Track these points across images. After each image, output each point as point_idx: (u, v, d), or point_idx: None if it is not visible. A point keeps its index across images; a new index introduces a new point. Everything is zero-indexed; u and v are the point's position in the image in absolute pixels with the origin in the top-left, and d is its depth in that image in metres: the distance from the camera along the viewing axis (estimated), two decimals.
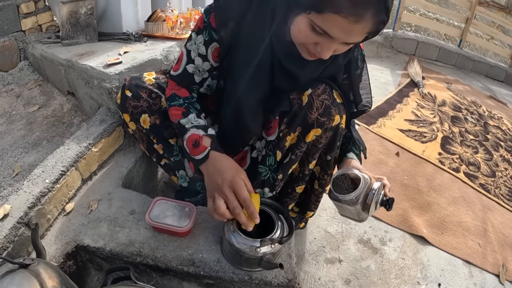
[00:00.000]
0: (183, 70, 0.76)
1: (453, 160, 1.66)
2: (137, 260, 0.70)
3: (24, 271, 0.57)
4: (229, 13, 0.67)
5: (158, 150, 0.85)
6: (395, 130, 1.76)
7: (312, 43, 0.59)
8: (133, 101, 0.79)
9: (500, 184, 1.63)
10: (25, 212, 0.72)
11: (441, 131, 1.87)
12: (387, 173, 1.42)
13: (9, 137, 1.14)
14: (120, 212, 0.80)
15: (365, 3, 0.50)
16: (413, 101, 2.10)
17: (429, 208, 1.32)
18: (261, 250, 0.61)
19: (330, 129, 0.72)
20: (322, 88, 0.69)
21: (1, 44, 1.32)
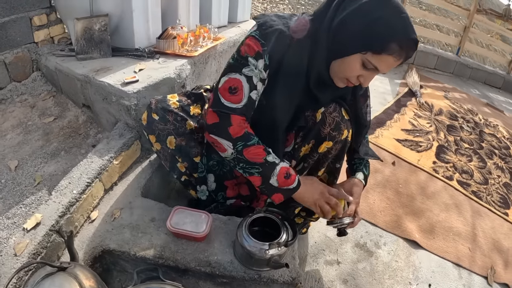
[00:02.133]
0: (248, 99, 0.76)
1: (447, 168, 1.81)
2: (159, 262, 0.83)
3: (63, 273, 0.69)
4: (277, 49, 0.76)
5: (180, 168, 0.97)
6: (392, 140, 1.91)
7: (357, 75, 0.76)
8: (160, 124, 0.91)
9: (492, 191, 1.78)
10: (56, 220, 0.85)
11: (436, 140, 2.02)
12: (383, 181, 1.57)
13: (28, 147, 1.26)
14: (141, 219, 0.93)
15: (411, 49, 0.73)
16: (411, 111, 2.25)
17: (422, 214, 1.46)
18: (269, 252, 0.74)
19: (340, 142, 0.86)
20: (333, 107, 0.84)
21: (15, 56, 1.44)
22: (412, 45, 0.72)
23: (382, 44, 0.71)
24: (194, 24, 1.69)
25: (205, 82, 1.54)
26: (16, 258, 0.78)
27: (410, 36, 0.71)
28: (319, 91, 0.82)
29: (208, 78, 1.55)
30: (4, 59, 1.39)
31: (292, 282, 0.79)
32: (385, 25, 0.70)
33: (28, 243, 0.80)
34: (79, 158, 1.22)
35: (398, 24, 0.71)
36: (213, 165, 0.96)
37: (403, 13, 0.72)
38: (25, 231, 0.83)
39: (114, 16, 1.39)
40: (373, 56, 0.72)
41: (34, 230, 0.84)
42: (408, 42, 0.71)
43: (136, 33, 1.41)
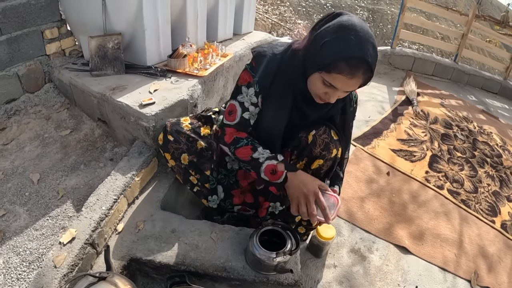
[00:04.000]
0: (240, 118, 1.03)
1: (439, 178, 2.03)
2: (181, 268, 1.03)
3: (104, 282, 0.85)
4: (268, 72, 0.99)
5: (192, 180, 1.18)
6: (388, 150, 2.12)
7: (323, 92, 0.92)
8: (175, 144, 1.11)
9: (481, 199, 2.01)
10: (90, 234, 1.03)
11: (430, 149, 2.25)
12: (378, 191, 1.78)
13: (47, 160, 1.43)
14: (163, 230, 1.13)
15: (357, 68, 0.84)
16: (407, 120, 2.47)
17: (412, 222, 1.68)
18: (276, 259, 0.95)
19: (330, 159, 1.06)
20: (323, 130, 1.04)
21: (27, 68, 1.60)
22: (359, 63, 0.83)
23: (329, 64, 0.84)
24: (202, 39, 1.87)
25: (213, 97, 1.72)
26: (56, 269, 0.94)
27: (355, 55, 0.82)
28: (306, 107, 1.01)
29: (216, 93, 1.74)
30: (17, 71, 1.55)
31: (295, 284, 1.00)
32: (332, 47, 0.84)
33: (66, 256, 0.97)
34: (98, 172, 1.40)
35: (344, 45, 0.83)
36: (221, 178, 1.17)
37: (354, 35, 0.83)
38: (62, 245, 1.00)
39: (126, 34, 1.56)
40: (326, 75, 0.86)
41: (70, 244, 1.00)
42: (354, 60, 0.83)
43: (148, 51, 1.59)
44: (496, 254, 1.68)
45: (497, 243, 1.75)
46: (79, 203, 1.24)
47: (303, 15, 4.51)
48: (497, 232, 1.82)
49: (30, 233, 1.16)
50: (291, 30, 4.29)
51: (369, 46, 0.84)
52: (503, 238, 1.80)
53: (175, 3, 1.62)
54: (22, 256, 1.07)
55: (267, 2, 4.52)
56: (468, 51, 3.33)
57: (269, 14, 4.32)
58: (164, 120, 1.28)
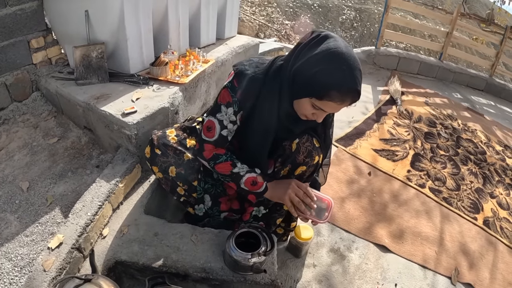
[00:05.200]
0: (219, 135, 1.09)
1: (420, 176, 2.11)
2: (163, 270, 1.10)
3: (90, 284, 0.91)
4: (249, 94, 1.03)
5: (180, 191, 1.24)
6: (370, 150, 2.20)
7: (311, 113, 0.98)
8: (163, 158, 1.17)
9: (463, 196, 2.08)
10: (76, 239, 1.09)
11: (413, 148, 2.32)
12: (358, 191, 1.85)
13: (36, 168, 1.49)
14: (147, 234, 1.19)
15: (348, 95, 0.91)
16: (390, 119, 2.55)
17: (393, 221, 1.74)
18: (251, 260, 1.02)
19: (312, 166, 1.13)
20: (306, 138, 1.11)
21: (15, 77, 1.65)
22: (350, 91, 0.89)
23: (322, 92, 0.90)
24: (185, 45, 1.93)
25: (195, 103, 1.79)
26: (45, 273, 1.01)
27: (347, 86, 0.88)
28: (291, 124, 1.08)
29: (199, 99, 1.80)
30: (5, 81, 1.60)
31: (272, 284, 1.07)
32: (325, 77, 0.89)
33: (54, 260, 1.03)
34: (85, 178, 1.46)
35: (337, 75, 0.88)
36: (208, 187, 1.24)
37: (346, 65, 0.87)
38: (50, 250, 1.07)
39: (110, 43, 1.62)
40: (317, 101, 0.93)
41: (58, 248, 1.07)
42: (347, 90, 0.89)
43: (131, 59, 1.65)
44: (478, 250, 1.73)
45: (479, 240, 1.80)
46: (67, 210, 1.30)
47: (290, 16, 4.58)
48: (479, 229, 1.87)
49: (21, 239, 1.22)
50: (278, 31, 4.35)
51: (357, 74, 0.89)
52: (485, 234, 1.86)
53: (157, 11, 1.68)
54: (14, 262, 1.12)
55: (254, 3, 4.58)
56: (453, 49, 3.41)
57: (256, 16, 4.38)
58: (146, 128, 1.35)
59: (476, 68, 4.58)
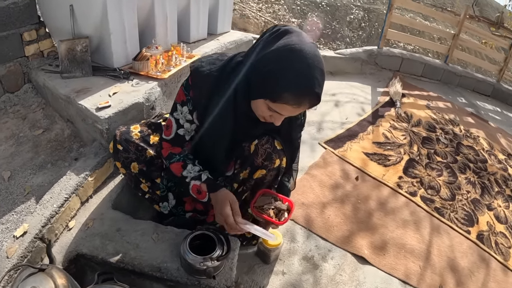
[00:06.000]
0: (175, 134, 1.06)
1: (412, 184, 2.00)
2: (120, 266, 1.08)
3: (43, 273, 0.92)
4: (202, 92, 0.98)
5: (143, 188, 1.22)
6: (360, 153, 2.10)
7: (268, 115, 0.91)
8: (124, 153, 1.15)
9: (457, 207, 1.93)
10: (40, 230, 1.10)
11: (408, 153, 2.22)
12: (342, 197, 1.76)
13: (19, 159, 1.51)
14: (110, 229, 1.18)
15: (304, 98, 0.83)
16: (387, 122, 2.44)
17: (375, 230, 1.61)
18: (204, 264, 0.99)
19: (273, 170, 1.07)
20: (266, 139, 1.04)
21: (7, 69, 1.68)
22: (306, 94, 0.81)
23: (275, 94, 0.82)
24: (173, 40, 1.91)
25: None
26: (8, 260, 1.03)
27: (303, 88, 0.80)
28: (249, 125, 1.01)
29: None
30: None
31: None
32: (279, 77, 0.80)
33: (17, 248, 1.05)
34: (63, 170, 1.47)
35: (291, 76, 0.79)
36: (171, 186, 1.22)
37: (303, 64, 0.79)
38: (15, 238, 1.09)
39: (94, 38, 1.61)
40: (271, 103, 0.85)
41: (22, 237, 1.09)
42: (303, 92, 0.81)
43: (115, 53, 1.64)
44: (468, 267, 1.60)
45: (470, 255, 1.67)
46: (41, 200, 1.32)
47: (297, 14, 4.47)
48: (472, 244, 1.74)
49: (3, 227, 1.24)
50: None
51: (317, 74, 0.81)
52: (478, 250, 1.72)
53: (142, 6, 1.67)
54: None
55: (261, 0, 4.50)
56: (460, 52, 3.24)
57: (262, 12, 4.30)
58: (118, 123, 1.33)
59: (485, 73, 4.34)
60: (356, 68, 2.84)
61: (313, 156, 1.97)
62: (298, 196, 1.71)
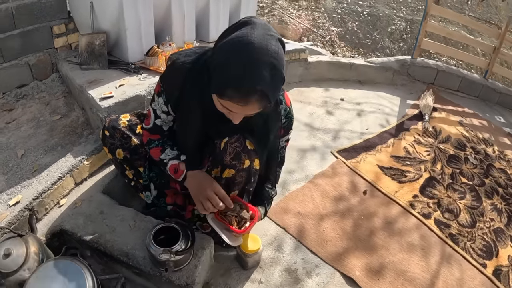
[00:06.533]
0: (153, 124, 1.09)
1: (428, 204, 1.81)
2: (94, 246, 1.12)
3: (20, 239, 1.01)
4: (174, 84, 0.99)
5: (128, 175, 1.26)
6: (374, 166, 1.96)
7: (225, 112, 0.87)
8: (110, 139, 1.20)
9: (476, 236, 1.70)
10: (30, 202, 1.19)
11: (429, 171, 2.02)
12: (344, 210, 1.62)
13: (34, 140, 1.65)
14: (94, 211, 1.24)
15: (248, 96, 0.78)
16: (411, 136, 2.26)
17: (374, 251, 1.46)
18: (163, 257, 0.98)
19: (242, 170, 1.04)
20: (236, 138, 1.01)
21: (37, 58, 1.84)
22: (249, 92, 0.76)
23: (220, 89, 0.79)
24: (191, 39, 1.96)
25: None
26: None
27: (243, 83, 0.75)
28: (218, 123, 0.97)
29: None
30: (28, 61, 1.81)
31: (185, 286, 1.02)
32: (222, 72, 0.77)
33: (8, 215, 1.15)
34: None
35: (234, 71, 0.75)
36: (153, 176, 1.24)
37: (249, 59, 0.74)
38: (8, 206, 1.19)
39: (112, 33, 1.72)
40: (219, 98, 0.81)
41: (14, 206, 1.19)
42: (243, 89, 0.76)
43: (130, 48, 1.73)
44: None
45: None
46: None
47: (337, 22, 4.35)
48: (486, 279, 1.50)
49: (2, 197, 1.36)
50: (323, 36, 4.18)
51: (263, 70, 0.75)
52: (492, 287, 1.49)
53: (160, 4, 1.74)
54: None
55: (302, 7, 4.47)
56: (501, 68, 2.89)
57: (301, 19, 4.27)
58: (117, 113, 1.40)
59: None
60: (387, 78, 2.68)
61: (322, 164, 1.89)
62: (294, 204, 1.63)
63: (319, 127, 2.14)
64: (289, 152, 1.88)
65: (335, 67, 2.57)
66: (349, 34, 4.35)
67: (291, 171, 1.80)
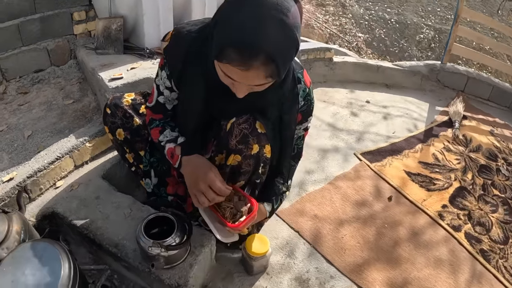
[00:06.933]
0: (155, 102, 0.95)
1: (458, 216, 1.56)
2: (84, 232, 0.97)
3: (4, 215, 0.88)
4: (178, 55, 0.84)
5: (129, 158, 1.11)
6: (401, 171, 1.73)
7: (229, 83, 0.71)
8: (111, 118, 1.05)
9: (509, 254, 1.44)
10: (24, 179, 1.06)
11: (459, 180, 1.76)
12: (366, 216, 1.42)
13: (44, 122, 1.55)
14: (90, 195, 1.09)
15: (250, 57, 0.62)
16: (441, 143, 2.00)
17: (398, 265, 1.25)
18: (152, 250, 0.80)
19: (250, 157, 0.84)
20: (245, 118, 0.83)
21: (56, 44, 1.75)
22: (251, 51, 0.61)
23: (218, 50, 0.65)
24: None
25: None
26: None
27: (245, 40, 0.61)
28: (222, 100, 0.82)
29: None
30: (46, 46, 1.73)
31: (176, 287, 0.84)
32: (223, 29, 0.64)
33: None
34: None
35: (235, 26, 0.62)
36: (153, 161, 1.08)
37: (251, 12, 0.61)
38: (1, 182, 1.07)
39: (129, 18, 1.61)
40: (219, 64, 0.67)
41: (7, 183, 1.06)
42: (244, 47, 0.61)
43: (147, 34, 1.61)
44: None
45: None
46: None
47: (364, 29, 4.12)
48: None
49: (2, 175, 1.24)
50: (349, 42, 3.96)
51: (269, 27, 0.61)
52: None
53: None
54: None
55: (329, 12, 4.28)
56: None
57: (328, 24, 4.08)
58: None
59: None
60: (414, 83, 2.45)
61: (343, 166, 1.68)
62: (312, 206, 1.43)
63: (342, 128, 1.94)
64: (309, 151, 1.69)
65: (361, 68, 2.36)
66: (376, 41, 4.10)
67: (310, 171, 1.60)
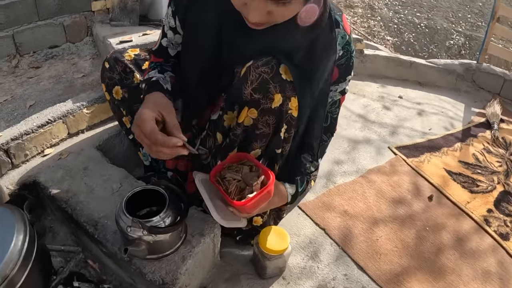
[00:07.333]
0: (159, 45, 0.79)
1: (505, 223, 1.25)
2: (62, 206, 0.76)
3: None
4: None
5: (125, 122, 0.90)
6: (441, 169, 1.44)
7: (242, 4, 0.53)
8: (109, 73, 0.85)
9: None
10: (7, 141, 0.88)
11: (502, 184, 1.44)
12: (405, 216, 1.14)
13: (49, 94, 1.40)
14: (78, 166, 0.88)
15: None
16: (480, 143, 1.69)
17: (442, 276, 1.00)
18: (132, 231, 0.57)
19: (270, 111, 0.61)
20: (266, 60, 0.60)
21: (73, 20, 1.61)
22: None
23: None
24: None
25: None
26: None
27: None
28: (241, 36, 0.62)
29: None
30: (63, 22, 1.59)
31: (160, 285, 0.60)
32: None
33: None
34: None
35: None
36: None
37: None
38: None
39: None
40: None
41: None
42: None
43: (164, 7, 1.43)
44: None
45: None
46: None
47: (393, 32, 3.81)
48: None
49: None
50: None
51: None
52: None
53: None
54: None
55: (357, 14, 4.02)
56: None
57: (356, 26, 3.82)
58: None
59: None
60: (449, 82, 2.16)
61: (377, 159, 1.41)
62: (341, 201, 1.17)
63: (374, 120, 1.69)
64: (339, 140, 1.45)
65: (393, 63, 2.10)
66: (405, 45, 3.79)
67: (339, 162, 1.35)
